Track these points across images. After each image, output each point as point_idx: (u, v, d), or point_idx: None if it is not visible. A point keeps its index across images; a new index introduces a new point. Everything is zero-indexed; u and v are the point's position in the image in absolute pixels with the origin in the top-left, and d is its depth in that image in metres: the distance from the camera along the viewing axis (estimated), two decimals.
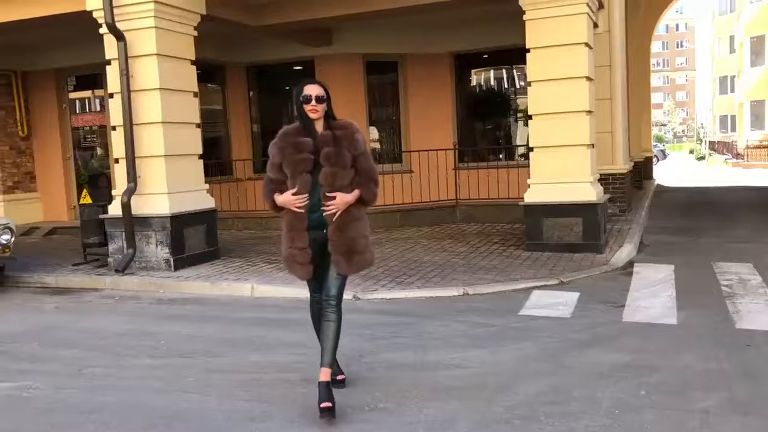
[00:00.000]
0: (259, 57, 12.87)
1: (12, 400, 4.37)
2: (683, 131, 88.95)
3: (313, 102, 3.76)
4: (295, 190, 3.74)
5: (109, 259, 8.48)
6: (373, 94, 12.82)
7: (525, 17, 8.41)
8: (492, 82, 13.32)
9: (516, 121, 12.89)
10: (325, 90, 3.84)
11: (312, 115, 3.77)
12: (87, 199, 9.11)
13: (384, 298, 6.62)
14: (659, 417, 3.62)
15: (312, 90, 3.79)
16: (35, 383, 4.62)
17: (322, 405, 3.66)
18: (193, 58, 8.72)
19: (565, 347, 4.91)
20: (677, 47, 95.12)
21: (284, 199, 3.77)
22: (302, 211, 3.77)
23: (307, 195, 3.74)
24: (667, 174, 27.01)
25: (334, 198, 3.73)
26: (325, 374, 3.77)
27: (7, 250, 7.86)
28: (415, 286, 6.96)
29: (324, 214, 3.76)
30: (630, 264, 7.83)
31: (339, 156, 3.73)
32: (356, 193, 3.79)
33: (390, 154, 12.84)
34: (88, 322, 6.43)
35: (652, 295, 6.36)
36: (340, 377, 4.17)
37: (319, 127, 3.81)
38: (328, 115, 3.86)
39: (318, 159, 3.74)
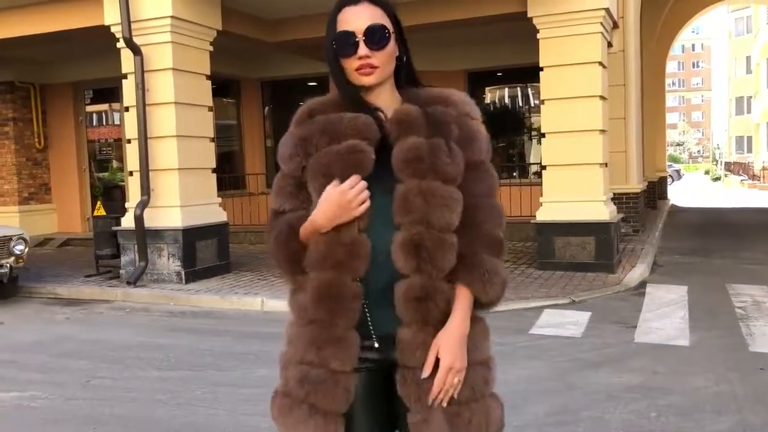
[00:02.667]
0: (274, 72, 12.97)
1: (20, 409, 4.38)
2: (699, 152, 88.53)
3: (363, 48, 1.62)
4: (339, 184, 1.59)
5: (121, 271, 8.52)
6: None
7: (539, 36, 8.43)
8: (506, 100, 13.35)
9: (529, 139, 12.88)
10: (390, 14, 1.68)
11: (364, 79, 1.64)
12: (101, 211, 9.20)
13: None
14: None
15: (357, 18, 1.63)
16: (43, 393, 4.63)
17: None
18: (209, 73, 8.81)
19: (575, 367, 4.86)
20: (693, 67, 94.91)
21: (327, 198, 1.58)
22: (362, 247, 1.60)
23: (364, 183, 1.58)
24: (682, 194, 26.83)
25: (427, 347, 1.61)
26: None
27: (20, 261, 7.93)
28: None
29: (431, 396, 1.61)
30: (643, 284, 7.76)
31: (439, 154, 1.61)
32: (464, 308, 1.64)
33: None
34: (98, 333, 6.45)
35: (665, 315, 6.29)
36: None
37: (384, 99, 1.68)
38: (401, 74, 1.72)
39: (386, 161, 1.61)
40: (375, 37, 1.62)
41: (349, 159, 1.60)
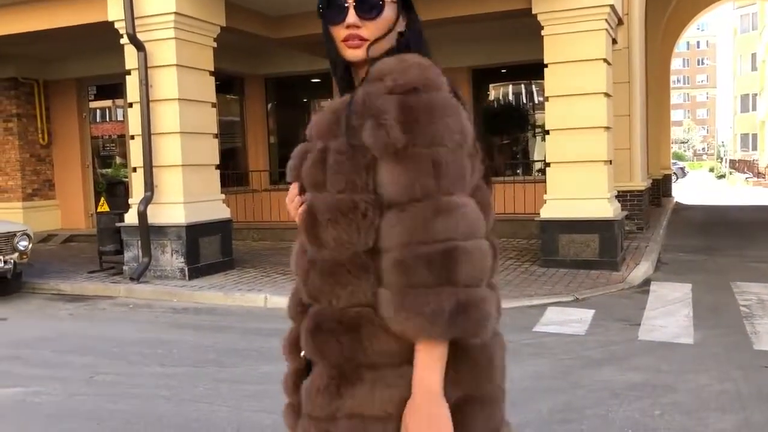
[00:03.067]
0: (277, 69, 12.96)
1: (24, 405, 4.38)
2: (703, 149, 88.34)
3: (351, 16, 1.39)
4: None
5: (125, 267, 8.53)
6: None
7: (543, 32, 8.40)
8: (510, 97, 13.31)
9: (533, 136, 12.85)
10: None
11: (349, 54, 1.42)
12: (104, 207, 9.20)
13: None
14: None
15: None
16: (47, 389, 4.63)
17: None
18: (212, 69, 8.80)
19: (578, 365, 4.85)
20: (698, 64, 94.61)
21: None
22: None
23: (294, 191, 1.46)
24: (687, 192, 26.77)
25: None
26: None
27: (24, 257, 7.94)
28: None
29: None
30: (647, 282, 7.74)
31: (319, 161, 1.35)
32: (420, 371, 1.26)
33: None
34: (102, 329, 6.46)
35: (669, 313, 6.27)
36: None
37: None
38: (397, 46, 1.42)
39: None
40: (367, 3, 1.38)
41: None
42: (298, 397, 1.44)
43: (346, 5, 1.39)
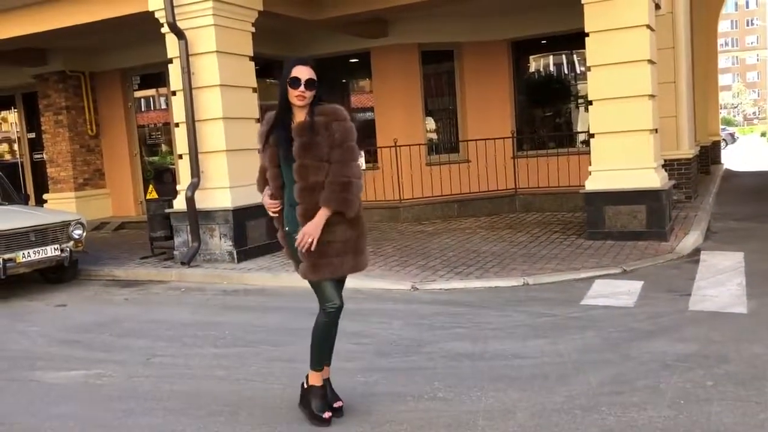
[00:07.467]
0: (315, 50, 12.95)
1: (87, 387, 4.57)
2: (754, 113, 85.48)
3: (302, 87, 3.35)
4: (270, 192, 3.54)
5: (175, 252, 8.74)
6: (429, 84, 12.78)
7: (584, 0, 8.23)
8: (551, 68, 13.09)
9: (576, 107, 12.65)
10: (317, 72, 3.42)
11: (298, 102, 3.37)
12: (153, 195, 9.40)
13: (442, 288, 6.62)
14: (727, 408, 3.52)
15: (303, 73, 3.36)
16: (107, 371, 4.82)
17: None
18: (251, 54, 8.88)
19: (628, 337, 4.81)
20: (747, 25, 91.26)
21: (263, 200, 3.58)
22: (277, 215, 3.58)
23: (278, 202, 3.52)
24: (737, 158, 26.01)
25: (303, 205, 3.39)
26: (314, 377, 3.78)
27: (79, 245, 8.21)
28: (474, 276, 6.93)
29: (296, 245, 3.44)
30: (696, 251, 7.59)
31: (310, 147, 3.32)
32: (322, 212, 3.35)
33: (447, 143, 12.80)
34: (156, 313, 6.65)
35: (720, 283, 6.16)
36: (337, 404, 3.78)
37: (301, 115, 3.42)
38: (314, 102, 3.43)
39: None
40: (309, 83, 3.38)
41: (271, 157, 3.54)
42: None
43: (299, 80, 3.37)
